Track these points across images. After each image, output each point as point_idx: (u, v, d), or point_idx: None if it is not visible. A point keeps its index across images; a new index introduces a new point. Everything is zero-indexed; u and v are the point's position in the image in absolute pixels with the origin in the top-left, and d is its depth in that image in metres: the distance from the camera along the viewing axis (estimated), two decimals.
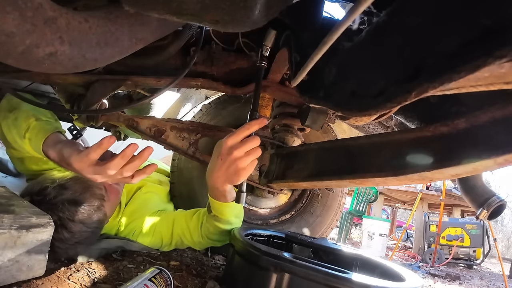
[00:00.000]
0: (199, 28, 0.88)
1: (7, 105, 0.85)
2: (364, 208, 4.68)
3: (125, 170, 0.70)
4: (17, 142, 0.83)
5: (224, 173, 0.78)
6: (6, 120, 0.83)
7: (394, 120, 1.04)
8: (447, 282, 2.43)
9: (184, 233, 1.00)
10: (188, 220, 1.01)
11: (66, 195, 0.77)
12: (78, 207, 0.77)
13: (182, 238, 1.00)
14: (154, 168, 0.74)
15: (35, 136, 0.78)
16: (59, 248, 0.72)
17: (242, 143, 0.74)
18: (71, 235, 0.75)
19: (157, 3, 0.43)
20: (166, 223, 1.02)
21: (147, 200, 1.10)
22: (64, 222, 0.74)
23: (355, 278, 0.63)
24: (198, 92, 1.65)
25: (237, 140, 0.74)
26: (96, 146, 0.68)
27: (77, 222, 0.76)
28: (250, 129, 0.74)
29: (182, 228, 1.00)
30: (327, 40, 0.39)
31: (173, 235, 1.00)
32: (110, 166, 0.68)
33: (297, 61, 0.59)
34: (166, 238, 1.00)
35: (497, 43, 0.28)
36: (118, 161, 0.68)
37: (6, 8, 0.34)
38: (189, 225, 1.00)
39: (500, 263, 3.21)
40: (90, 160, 0.69)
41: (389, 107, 0.38)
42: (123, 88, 0.93)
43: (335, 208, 1.38)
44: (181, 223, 1.01)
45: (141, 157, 0.71)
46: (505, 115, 0.41)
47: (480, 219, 0.99)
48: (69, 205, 0.76)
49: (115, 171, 0.69)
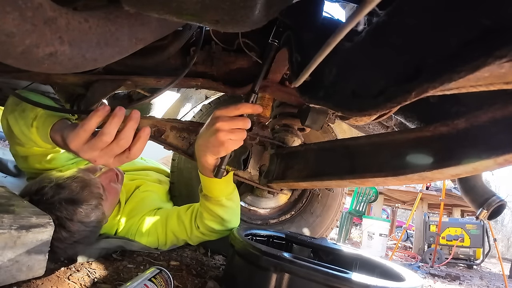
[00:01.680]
0: (199, 28, 0.88)
1: (13, 100, 0.84)
2: (364, 208, 4.68)
3: (121, 138, 0.64)
4: (24, 134, 0.81)
5: (205, 141, 0.76)
6: (13, 113, 0.82)
7: (394, 120, 1.04)
8: (447, 282, 2.43)
9: (178, 229, 0.99)
10: (182, 215, 1.00)
11: (63, 195, 0.77)
12: (76, 206, 0.77)
13: (176, 234, 0.99)
14: (147, 132, 0.69)
15: (42, 124, 0.76)
16: (58, 247, 0.72)
17: (230, 118, 0.73)
18: (70, 235, 0.75)
19: (157, 3, 0.43)
20: (160, 222, 1.01)
21: (145, 198, 1.10)
22: (62, 221, 0.74)
23: (355, 278, 0.63)
24: (198, 92, 1.65)
25: (226, 114, 0.73)
26: (90, 116, 0.63)
27: (75, 221, 0.76)
28: (240, 110, 0.73)
29: (175, 224, 0.99)
30: (331, 41, 0.39)
31: (167, 232, 1.00)
32: (104, 131, 0.62)
33: (298, 61, 0.59)
34: (161, 236, 1.00)
35: (497, 43, 0.28)
36: (112, 123, 0.63)
37: (6, 8, 0.34)
38: (183, 219, 0.99)
39: (500, 263, 3.22)
40: (86, 132, 0.63)
41: (389, 107, 0.38)
42: (123, 88, 0.93)
43: (335, 208, 1.38)
44: (173, 220, 1.00)
45: (132, 118, 0.65)
46: (505, 115, 0.41)
47: (480, 219, 0.99)
48: (66, 204, 0.76)
49: (111, 138, 0.63)
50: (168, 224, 1.00)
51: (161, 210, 1.08)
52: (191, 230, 0.97)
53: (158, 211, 1.07)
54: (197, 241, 1.02)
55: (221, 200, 0.90)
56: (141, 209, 1.04)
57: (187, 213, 1.00)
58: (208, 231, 0.96)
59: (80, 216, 0.77)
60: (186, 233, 0.99)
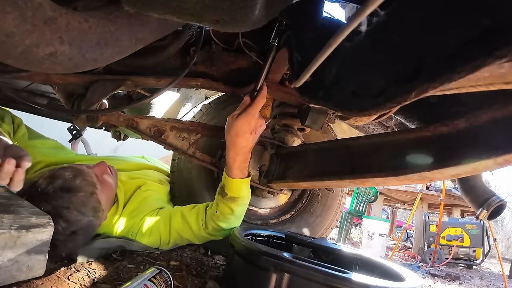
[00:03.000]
0: (199, 28, 0.88)
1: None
2: (364, 208, 4.68)
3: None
4: None
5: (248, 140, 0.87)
6: None
7: (394, 120, 1.04)
8: (447, 282, 2.43)
9: (183, 227, 0.99)
10: (186, 214, 1.00)
11: (57, 183, 0.78)
12: (71, 194, 0.78)
13: (180, 233, 1.00)
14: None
15: None
16: (57, 240, 0.71)
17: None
18: (68, 225, 0.75)
19: (157, 3, 0.43)
20: (163, 221, 1.01)
21: (147, 197, 1.10)
22: (59, 211, 0.74)
23: (355, 278, 0.63)
24: (198, 92, 1.65)
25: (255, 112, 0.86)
26: None
27: (72, 209, 0.77)
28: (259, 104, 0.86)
29: (179, 223, 1.00)
30: (332, 42, 0.39)
31: (171, 231, 1.00)
32: None
33: (299, 61, 0.59)
34: (164, 235, 1.00)
35: (497, 43, 0.28)
36: None
37: (6, 8, 0.34)
38: (188, 219, 0.99)
39: (500, 263, 3.22)
40: None
41: (389, 107, 0.38)
42: (123, 88, 0.93)
43: (335, 208, 1.38)
44: (178, 219, 1.00)
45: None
46: (505, 115, 0.41)
47: (480, 219, 0.99)
48: (61, 193, 0.77)
49: None
50: (172, 223, 1.00)
51: (163, 209, 1.08)
52: (199, 230, 0.98)
53: (160, 210, 1.06)
54: (203, 240, 1.03)
55: (244, 199, 0.94)
56: (143, 209, 1.04)
57: (192, 213, 1.00)
58: (216, 231, 0.98)
59: (76, 204, 0.78)
60: (192, 233, 0.99)
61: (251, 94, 0.86)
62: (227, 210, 0.93)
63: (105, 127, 1.75)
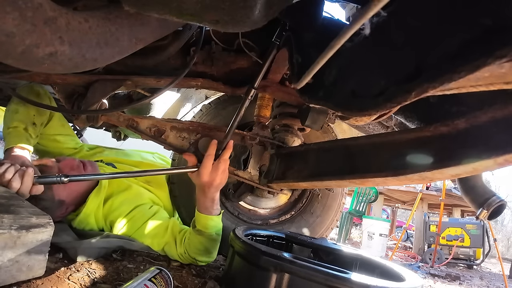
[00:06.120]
0: (199, 28, 0.88)
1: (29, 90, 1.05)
2: (364, 208, 4.68)
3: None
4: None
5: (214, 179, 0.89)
6: (17, 105, 1.01)
7: (394, 120, 1.04)
8: (447, 282, 2.43)
9: (170, 244, 0.98)
10: (176, 233, 0.99)
11: None
12: None
13: (168, 247, 0.98)
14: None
15: (5, 140, 0.98)
16: None
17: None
18: None
19: (157, 3, 0.43)
20: (161, 229, 1.00)
21: (136, 192, 1.10)
22: None
23: (355, 278, 0.63)
24: (198, 92, 1.65)
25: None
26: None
27: None
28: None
29: (168, 238, 0.98)
30: (334, 44, 0.39)
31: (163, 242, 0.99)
32: None
33: (299, 62, 0.59)
34: (155, 245, 0.99)
35: (497, 43, 0.28)
36: None
37: (6, 8, 0.34)
38: (176, 237, 0.98)
39: (500, 263, 3.22)
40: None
41: (389, 107, 0.38)
42: (123, 88, 0.93)
43: (335, 208, 1.38)
44: (168, 235, 0.99)
45: None
46: (505, 115, 0.41)
47: (480, 219, 0.99)
48: None
49: None
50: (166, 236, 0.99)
51: (159, 215, 1.06)
52: (181, 251, 0.96)
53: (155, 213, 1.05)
54: (184, 261, 0.99)
55: (212, 235, 0.93)
56: (131, 201, 1.04)
57: (180, 235, 0.99)
58: (194, 259, 0.95)
59: None
60: (176, 253, 0.97)
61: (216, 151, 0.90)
62: (196, 242, 0.92)
63: (105, 127, 1.75)
